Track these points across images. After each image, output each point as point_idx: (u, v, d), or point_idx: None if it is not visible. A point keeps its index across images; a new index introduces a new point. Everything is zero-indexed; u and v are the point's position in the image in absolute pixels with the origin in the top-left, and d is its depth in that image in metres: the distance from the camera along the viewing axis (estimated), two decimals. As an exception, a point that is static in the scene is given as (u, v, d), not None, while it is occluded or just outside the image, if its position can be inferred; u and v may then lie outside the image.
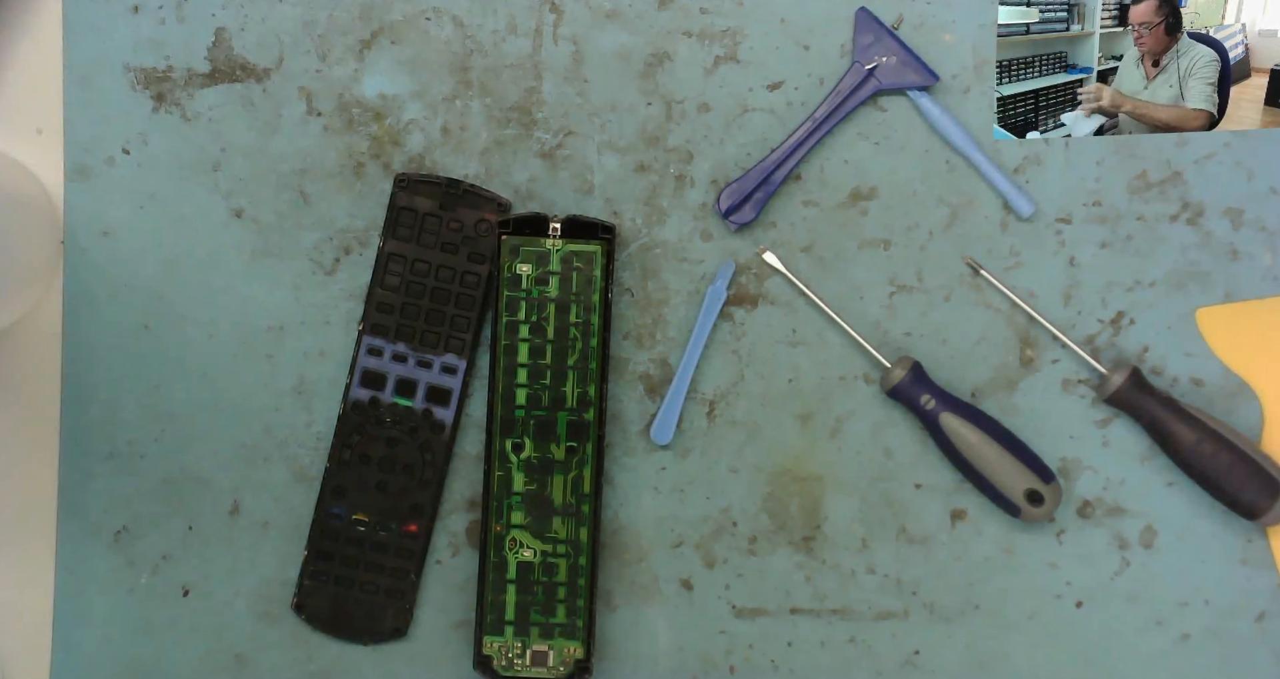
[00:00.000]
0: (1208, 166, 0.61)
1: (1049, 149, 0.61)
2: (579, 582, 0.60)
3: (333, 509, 0.61)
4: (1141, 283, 0.61)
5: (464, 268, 0.60)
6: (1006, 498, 0.59)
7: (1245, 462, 0.58)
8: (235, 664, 0.62)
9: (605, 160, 0.62)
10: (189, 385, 0.62)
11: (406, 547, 0.61)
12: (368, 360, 0.61)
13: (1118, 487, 0.61)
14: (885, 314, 0.62)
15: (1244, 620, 0.61)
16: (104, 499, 0.62)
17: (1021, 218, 0.61)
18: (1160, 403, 0.59)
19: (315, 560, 0.61)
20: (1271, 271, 0.61)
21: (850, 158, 0.62)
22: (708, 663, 0.62)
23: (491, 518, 0.60)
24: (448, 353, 0.61)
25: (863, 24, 0.61)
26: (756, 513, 0.62)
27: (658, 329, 0.62)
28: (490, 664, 0.60)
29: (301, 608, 0.61)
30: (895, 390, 0.60)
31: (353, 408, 0.61)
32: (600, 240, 0.60)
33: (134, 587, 0.62)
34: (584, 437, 0.60)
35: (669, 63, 0.62)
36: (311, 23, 0.61)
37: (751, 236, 0.62)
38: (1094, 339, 0.61)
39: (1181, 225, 0.61)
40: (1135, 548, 0.61)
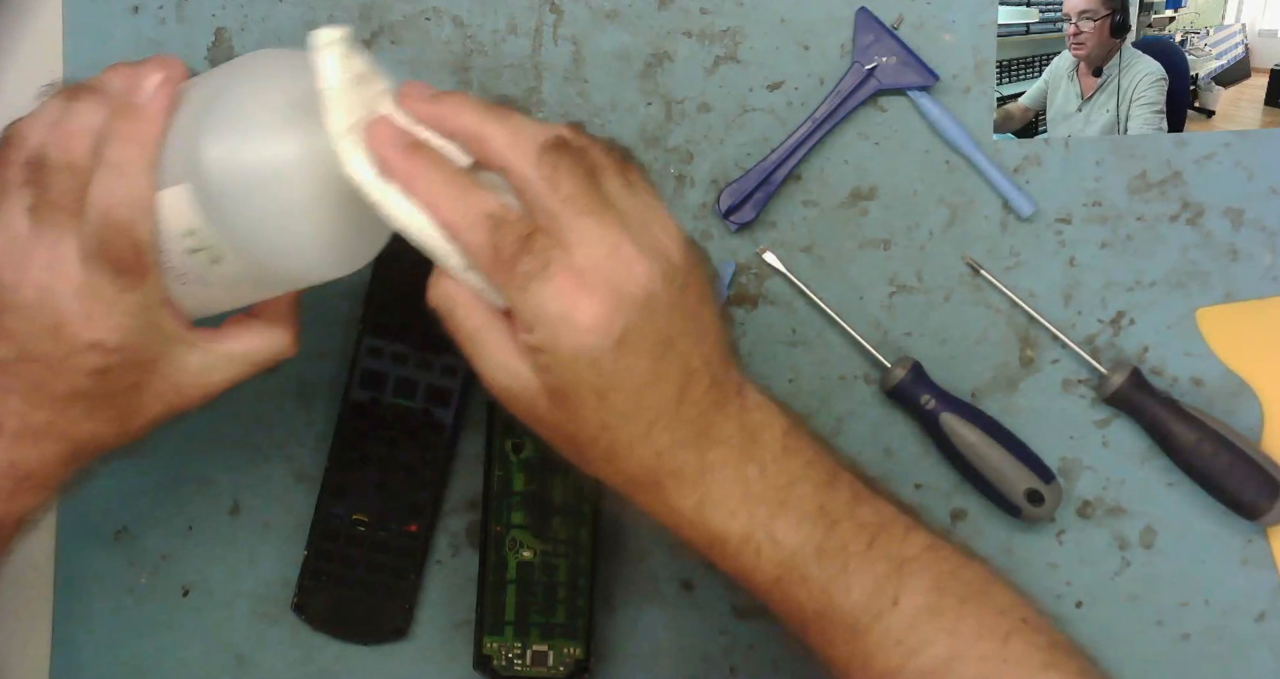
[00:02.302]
0: (1208, 166, 0.61)
1: (1049, 149, 0.61)
2: (579, 582, 0.60)
3: (333, 509, 0.61)
4: (1141, 283, 0.61)
5: (464, 268, 0.60)
6: (1006, 498, 0.59)
7: (1245, 462, 0.58)
8: (235, 664, 0.62)
9: (605, 160, 0.62)
10: (189, 385, 0.62)
11: (406, 547, 0.61)
12: (368, 360, 0.61)
13: (1118, 487, 0.61)
14: (885, 314, 0.62)
15: (1244, 620, 0.61)
16: (104, 499, 0.62)
17: (1021, 218, 0.61)
18: (1160, 403, 0.59)
19: (315, 560, 0.61)
20: (1271, 271, 0.61)
21: (850, 158, 0.62)
22: (708, 664, 0.62)
23: (491, 518, 0.60)
24: (448, 353, 0.61)
25: (863, 24, 0.61)
26: (756, 513, 0.62)
27: (658, 329, 0.62)
28: (490, 664, 0.60)
29: (301, 608, 0.61)
30: (895, 390, 0.60)
31: (353, 408, 0.61)
32: (600, 240, 0.59)
33: (134, 587, 0.62)
34: (584, 437, 0.60)
35: (669, 63, 0.62)
36: (312, 23, 0.61)
37: (751, 236, 0.62)
38: (1094, 339, 0.61)
39: (1181, 225, 0.61)
40: (1135, 548, 0.61)
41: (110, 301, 0.45)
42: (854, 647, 0.46)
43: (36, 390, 0.46)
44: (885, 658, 0.46)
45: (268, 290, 0.50)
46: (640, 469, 0.46)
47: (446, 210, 0.44)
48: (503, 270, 0.44)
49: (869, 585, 0.46)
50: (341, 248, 0.47)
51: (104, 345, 0.45)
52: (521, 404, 0.46)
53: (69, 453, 0.48)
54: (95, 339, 0.45)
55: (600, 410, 0.44)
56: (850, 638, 0.46)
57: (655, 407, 0.45)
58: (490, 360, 0.46)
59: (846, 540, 0.47)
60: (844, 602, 0.46)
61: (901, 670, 0.46)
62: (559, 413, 0.45)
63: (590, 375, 0.44)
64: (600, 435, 0.45)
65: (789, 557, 0.46)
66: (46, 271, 0.45)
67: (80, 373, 0.46)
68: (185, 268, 0.46)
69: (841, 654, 0.47)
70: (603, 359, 0.43)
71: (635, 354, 0.44)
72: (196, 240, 0.45)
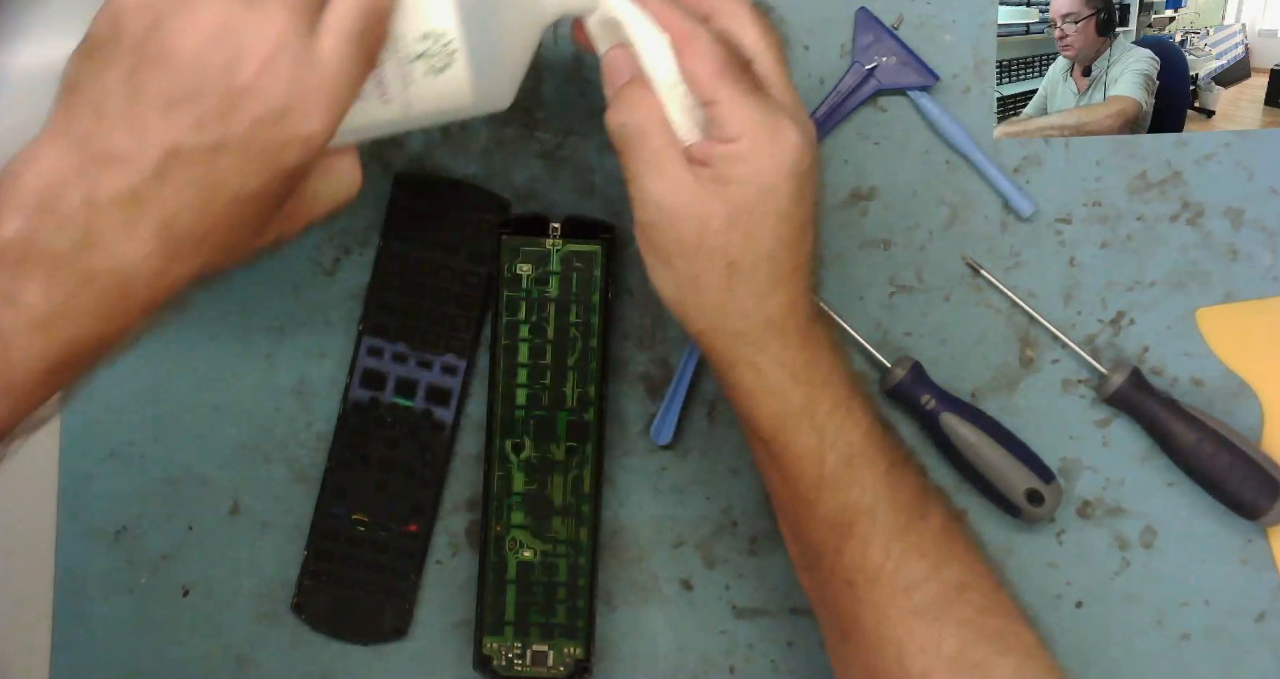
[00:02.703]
0: (1208, 166, 0.61)
1: (1049, 149, 0.61)
2: (579, 582, 0.60)
3: (333, 509, 0.61)
4: (1141, 283, 0.61)
5: (464, 268, 0.60)
6: (1006, 498, 0.59)
7: (1245, 462, 0.58)
8: (235, 664, 0.62)
9: (605, 160, 0.62)
10: (189, 385, 0.62)
11: (406, 547, 0.61)
12: (368, 360, 0.61)
13: (1118, 487, 0.61)
14: (885, 314, 0.62)
15: (1244, 620, 0.61)
16: (104, 499, 0.62)
17: (1021, 218, 0.61)
18: (1160, 403, 0.59)
19: (315, 560, 0.61)
20: (1271, 271, 0.61)
21: (850, 158, 0.61)
22: (708, 663, 0.62)
23: (491, 518, 0.60)
24: (448, 353, 0.61)
25: (863, 24, 0.61)
26: (757, 513, 0.62)
27: (657, 329, 0.62)
28: (490, 664, 0.60)
29: (301, 608, 0.61)
30: (895, 390, 0.60)
31: (353, 408, 0.61)
32: (600, 240, 0.60)
33: (134, 587, 0.62)
34: (584, 437, 0.60)
35: (669, 63, 0.61)
36: (311, 23, 0.61)
37: (751, 236, 0.62)
38: (1094, 339, 0.61)
39: (1181, 225, 0.61)
40: (1135, 548, 0.61)
41: (331, 93, 0.41)
42: (889, 549, 0.49)
43: (221, 186, 0.41)
44: (911, 571, 0.50)
45: (427, 119, 0.48)
46: (780, 311, 0.48)
47: (679, 19, 0.47)
48: (726, 80, 0.46)
49: (913, 492, 0.51)
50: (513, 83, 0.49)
51: (314, 141, 0.41)
52: (689, 226, 0.47)
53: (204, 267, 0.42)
54: (310, 132, 0.41)
55: (775, 233, 0.47)
56: (887, 541, 0.49)
57: (805, 251, 0.48)
58: (670, 179, 0.47)
59: (890, 448, 0.51)
60: (892, 500, 0.50)
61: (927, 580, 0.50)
62: (731, 233, 0.47)
63: (778, 195, 0.47)
64: (763, 265, 0.47)
65: (861, 437, 0.50)
66: (274, 51, 0.40)
67: (278, 170, 0.41)
68: (388, 77, 0.45)
69: (875, 559, 0.49)
70: (790, 182, 0.47)
71: (808, 191, 0.48)
72: (430, 44, 0.44)
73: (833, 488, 0.49)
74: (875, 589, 0.50)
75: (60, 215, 0.40)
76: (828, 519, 0.50)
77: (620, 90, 0.48)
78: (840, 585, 0.50)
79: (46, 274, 0.40)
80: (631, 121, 0.47)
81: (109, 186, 0.40)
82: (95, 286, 0.40)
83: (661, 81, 0.47)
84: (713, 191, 0.46)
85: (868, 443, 0.50)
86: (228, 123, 0.40)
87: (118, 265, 0.40)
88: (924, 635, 0.49)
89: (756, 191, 0.46)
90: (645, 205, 0.47)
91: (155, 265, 0.41)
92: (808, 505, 0.50)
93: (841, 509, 0.50)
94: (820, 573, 0.51)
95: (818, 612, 0.54)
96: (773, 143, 0.46)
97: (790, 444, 0.49)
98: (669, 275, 0.49)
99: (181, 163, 0.40)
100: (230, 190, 0.41)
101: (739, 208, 0.46)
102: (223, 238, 0.42)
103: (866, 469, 0.50)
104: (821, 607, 0.53)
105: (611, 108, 0.48)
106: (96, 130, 0.40)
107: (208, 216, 0.41)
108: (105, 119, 0.40)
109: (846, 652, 0.52)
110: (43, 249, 0.40)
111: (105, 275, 0.40)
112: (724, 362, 0.49)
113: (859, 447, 0.50)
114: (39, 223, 0.40)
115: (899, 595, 0.50)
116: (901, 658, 0.49)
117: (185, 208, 0.41)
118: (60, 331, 0.40)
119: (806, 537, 0.51)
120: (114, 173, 0.40)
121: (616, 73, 0.48)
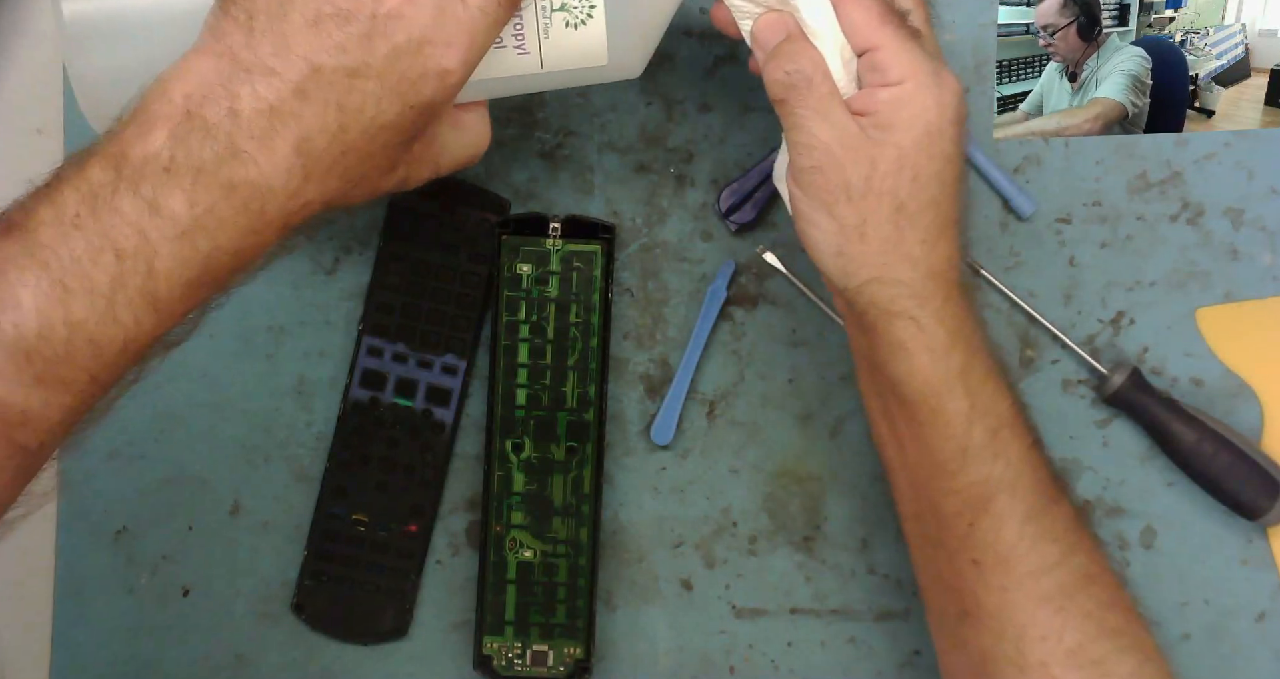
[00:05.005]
0: (1208, 166, 0.61)
1: (1049, 149, 0.61)
2: (579, 582, 0.60)
3: (333, 509, 0.61)
4: (1141, 283, 0.61)
5: (464, 268, 0.60)
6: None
7: (1245, 462, 0.58)
8: (235, 664, 0.62)
9: (605, 160, 0.62)
10: (189, 385, 0.62)
11: (406, 547, 0.61)
12: (368, 360, 0.61)
13: (1118, 487, 0.61)
14: (885, 314, 0.61)
15: (1244, 620, 0.61)
16: (104, 499, 0.62)
17: (1021, 218, 0.61)
18: (1160, 403, 0.59)
19: (315, 560, 0.61)
20: (1271, 271, 0.61)
21: (850, 158, 0.61)
22: (708, 663, 0.62)
23: (491, 518, 0.60)
24: (448, 353, 0.61)
25: (863, 24, 0.61)
26: (756, 513, 0.62)
27: (658, 329, 0.62)
28: (490, 664, 0.60)
29: (301, 608, 0.61)
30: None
31: (353, 408, 0.61)
32: (600, 240, 0.60)
33: (134, 587, 0.62)
34: (584, 437, 0.60)
35: (669, 63, 0.61)
36: None
37: (751, 237, 0.62)
38: (1094, 339, 0.61)
39: (1181, 225, 0.61)
40: (1135, 548, 0.61)
41: (472, 31, 0.43)
42: (1024, 530, 0.49)
43: (357, 111, 0.42)
44: (1042, 555, 0.49)
45: (558, 78, 0.49)
46: (943, 262, 0.48)
47: None
48: (889, 26, 0.47)
49: (1049, 474, 0.50)
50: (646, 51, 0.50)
51: (449, 78, 0.43)
52: (858, 169, 0.47)
53: (335, 194, 0.44)
54: (447, 67, 0.43)
55: (940, 178, 0.47)
56: (1022, 521, 0.49)
57: (960, 205, 0.49)
58: (837, 124, 0.47)
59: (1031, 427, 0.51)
60: (1034, 478, 0.49)
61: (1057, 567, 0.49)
62: (900, 176, 0.47)
63: (943, 138, 0.47)
64: (929, 210, 0.47)
65: (1008, 409, 0.49)
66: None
67: (413, 102, 0.43)
68: (527, 26, 0.46)
69: (1008, 539, 0.49)
70: (954, 127, 0.47)
71: (962, 140, 0.48)
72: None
73: (977, 458, 0.48)
74: (1003, 571, 0.49)
75: (205, 126, 0.41)
76: (965, 492, 0.49)
77: (779, 46, 0.49)
78: (965, 563, 0.49)
79: (190, 184, 0.41)
80: (796, 69, 0.48)
81: (252, 99, 0.41)
82: (235, 198, 0.41)
83: (823, 33, 0.48)
84: (878, 138, 0.47)
85: (1014, 416, 0.49)
86: (369, 48, 0.42)
87: (256, 178, 0.42)
88: (1047, 624, 0.48)
89: (924, 133, 0.47)
90: (811, 150, 0.47)
91: (291, 183, 0.42)
92: (947, 476, 0.49)
93: (983, 482, 0.48)
94: (944, 550, 0.50)
95: (929, 589, 0.53)
96: (937, 86, 0.47)
97: (941, 408, 0.48)
98: (831, 224, 0.48)
99: (322, 83, 0.42)
100: (365, 117, 0.42)
101: (906, 150, 0.47)
102: (354, 165, 0.43)
103: (1013, 442, 0.49)
104: (937, 583, 0.52)
105: (773, 61, 0.48)
106: (246, 44, 0.42)
107: (342, 140, 0.42)
108: (254, 34, 0.42)
109: (964, 632, 0.50)
110: (187, 160, 0.41)
111: (245, 187, 0.41)
112: (884, 315, 0.48)
113: (1007, 418, 0.49)
114: (185, 133, 0.41)
115: (1027, 579, 0.48)
116: (1021, 644, 0.48)
117: (322, 129, 0.42)
118: (202, 242, 0.41)
119: (938, 510, 0.50)
120: (258, 86, 0.41)
121: (773, 32, 0.49)
